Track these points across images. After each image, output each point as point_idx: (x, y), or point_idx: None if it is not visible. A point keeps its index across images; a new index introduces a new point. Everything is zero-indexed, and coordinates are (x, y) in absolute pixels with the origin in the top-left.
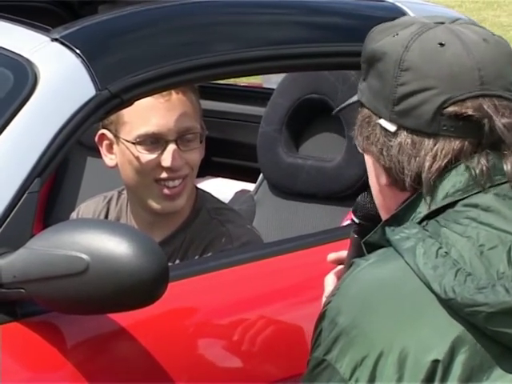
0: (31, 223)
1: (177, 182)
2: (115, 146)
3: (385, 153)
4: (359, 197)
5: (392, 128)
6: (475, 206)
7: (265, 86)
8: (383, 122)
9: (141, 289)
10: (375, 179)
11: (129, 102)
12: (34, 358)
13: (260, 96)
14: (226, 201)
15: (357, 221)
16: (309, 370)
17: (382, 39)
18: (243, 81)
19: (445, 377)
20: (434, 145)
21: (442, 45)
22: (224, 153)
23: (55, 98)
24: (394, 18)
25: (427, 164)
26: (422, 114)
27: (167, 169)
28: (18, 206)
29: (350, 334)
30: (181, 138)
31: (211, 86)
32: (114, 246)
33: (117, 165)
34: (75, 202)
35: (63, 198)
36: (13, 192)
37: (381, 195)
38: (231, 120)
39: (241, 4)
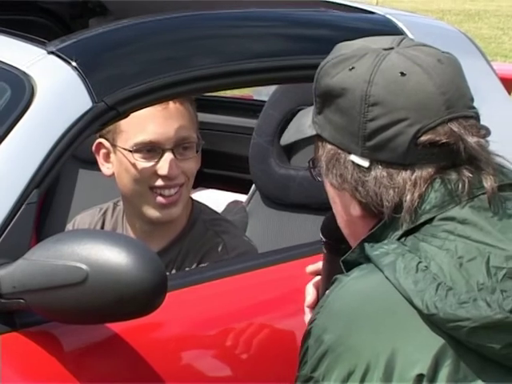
0: (30, 234)
1: (173, 191)
2: (112, 155)
3: (360, 188)
4: (325, 218)
5: (365, 163)
6: (452, 219)
7: (255, 97)
8: (355, 159)
9: (140, 298)
10: (343, 211)
11: (125, 114)
12: (33, 368)
13: (251, 108)
14: (219, 212)
15: (324, 239)
16: None
17: (337, 74)
18: (235, 93)
19: None
20: (412, 174)
21: (403, 74)
22: (216, 164)
23: (52, 111)
24: (385, 31)
25: (409, 193)
26: (396, 147)
27: (163, 177)
28: (16, 217)
29: (336, 350)
30: (177, 146)
31: (202, 98)
32: (113, 256)
33: (113, 174)
34: (67, 214)
35: (55, 210)
36: (11, 203)
37: (351, 225)
38: (222, 132)
39: (232, 17)
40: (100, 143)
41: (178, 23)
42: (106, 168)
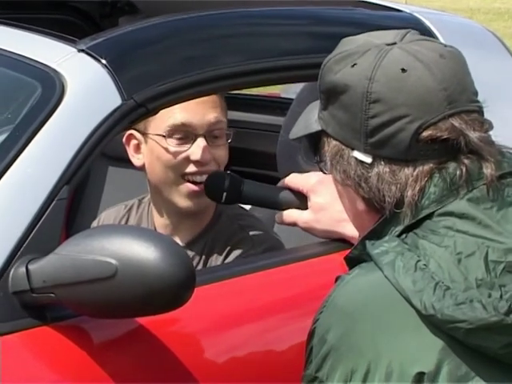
0: (60, 229)
1: (204, 177)
2: (143, 146)
3: (363, 184)
4: None
5: (368, 159)
6: (450, 214)
7: (283, 95)
8: (358, 155)
9: (168, 293)
10: (350, 205)
11: (154, 111)
12: (63, 362)
13: (278, 106)
14: (247, 208)
15: None
16: None
17: (340, 70)
18: (260, 90)
19: None
20: (414, 169)
21: (404, 70)
22: (243, 162)
23: (82, 108)
24: (412, 29)
25: (410, 188)
26: (398, 143)
27: (196, 162)
28: (47, 213)
29: (339, 350)
30: (209, 133)
31: (230, 95)
32: (142, 251)
33: (144, 165)
34: (97, 210)
35: (85, 207)
36: (42, 199)
37: (358, 219)
38: (250, 129)
39: (259, 15)
40: (130, 134)
41: (205, 21)
42: (136, 159)
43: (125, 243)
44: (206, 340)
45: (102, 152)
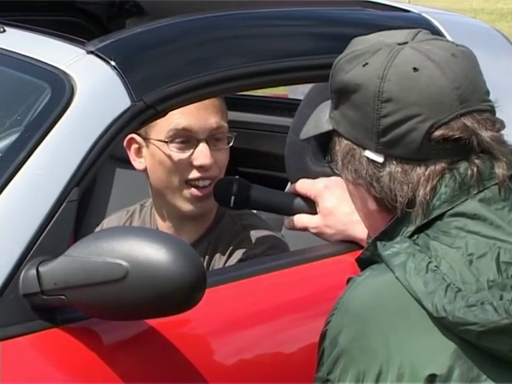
0: (70, 231)
1: (207, 183)
2: (144, 149)
3: (375, 184)
4: None
5: (380, 159)
6: (462, 214)
7: (290, 96)
8: (370, 154)
9: (179, 295)
10: (361, 205)
11: (163, 113)
12: (73, 364)
13: (286, 107)
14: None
15: None
16: None
17: (351, 70)
18: (267, 92)
19: None
20: (426, 169)
21: (415, 69)
22: (251, 163)
23: (92, 110)
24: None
25: (422, 187)
26: (410, 143)
27: (199, 167)
28: (57, 215)
29: (351, 352)
30: (211, 137)
31: (237, 97)
32: (153, 253)
33: (145, 168)
34: (105, 212)
35: (93, 209)
36: (52, 201)
37: (370, 218)
38: (258, 130)
39: (266, 16)
40: (131, 138)
41: (214, 22)
42: (138, 163)
43: (135, 245)
44: (215, 341)
45: (110, 154)
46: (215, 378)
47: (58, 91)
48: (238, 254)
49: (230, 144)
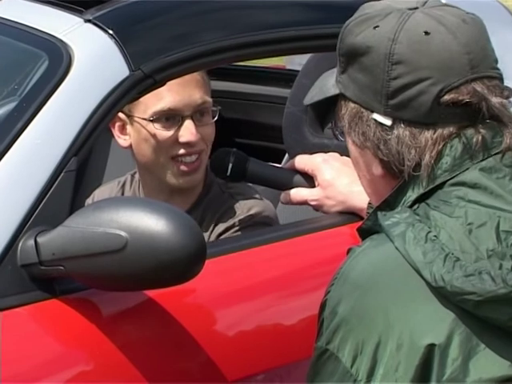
0: (69, 201)
1: (194, 158)
2: (128, 127)
3: (382, 147)
4: None
5: (388, 122)
6: (462, 184)
7: (288, 67)
8: (378, 117)
9: (179, 266)
10: (366, 170)
11: (161, 83)
12: (72, 335)
13: (283, 77)
14: None
15: None
16: (314, 358)
17: (361, 32)
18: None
19: (443, 360)
20: (434, 133)
21: (427, 33)
22: (249, 134)
23: (90, 79)
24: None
25: (428, 151)
26: (419, 106)
27: (185, 144)
28: (55, 185)
29: (350, 322)
30: (196, 112)
31: (234, 67)
32: (153, 224)
33: (131, 145)
34: (101, 183)
35: (88, 180)
36: (50, 171)
37: (373, 184)
38: (255, 101)
39: None
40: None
41: None
42: (122, 140)
43: (135, 215)
44: (215, 312)
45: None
46: (215, 348)
47: (56, 60)
48: (225, 220)
49: (215, 118)
